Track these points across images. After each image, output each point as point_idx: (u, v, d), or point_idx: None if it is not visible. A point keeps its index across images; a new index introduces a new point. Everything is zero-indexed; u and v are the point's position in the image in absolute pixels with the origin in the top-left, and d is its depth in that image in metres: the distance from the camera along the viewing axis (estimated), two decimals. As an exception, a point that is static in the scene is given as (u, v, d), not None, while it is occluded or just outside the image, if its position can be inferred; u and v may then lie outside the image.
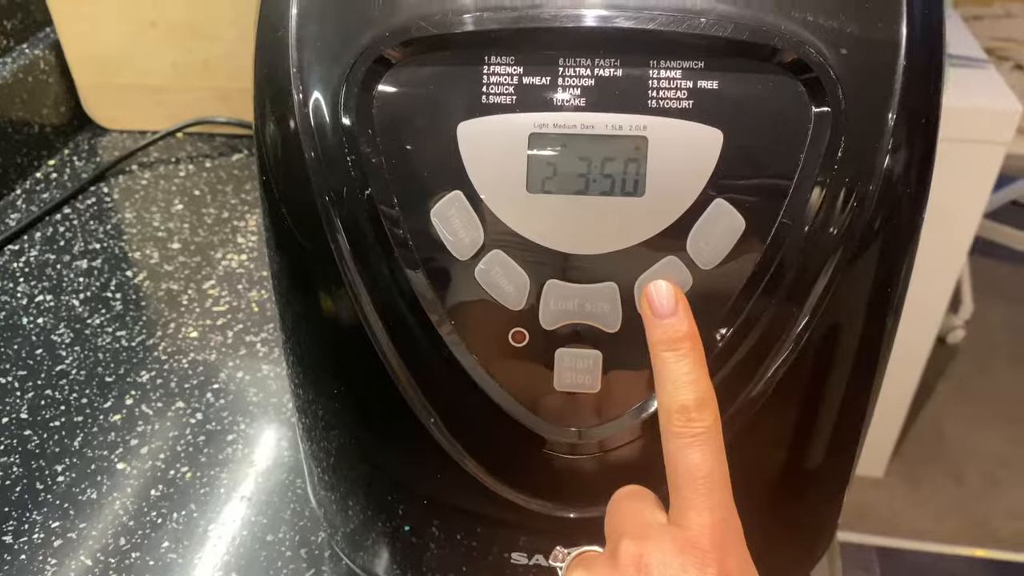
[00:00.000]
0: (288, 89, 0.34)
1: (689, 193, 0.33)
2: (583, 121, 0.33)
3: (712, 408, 0.31)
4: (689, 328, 0.32)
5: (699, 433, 0.30)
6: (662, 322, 0.32)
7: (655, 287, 0.32)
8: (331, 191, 0.34)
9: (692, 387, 0.31)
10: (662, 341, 0.31)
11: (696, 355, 0.31)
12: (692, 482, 0.30)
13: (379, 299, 0.35)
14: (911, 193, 0.34)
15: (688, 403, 0.30)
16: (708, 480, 0.30)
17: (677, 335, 0.31)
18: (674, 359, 0.31)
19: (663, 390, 0.31)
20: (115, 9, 0.80)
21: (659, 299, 0.32)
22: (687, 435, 0.30)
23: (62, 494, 0.52)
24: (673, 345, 0.31)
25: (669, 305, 0.32)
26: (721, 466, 0.30)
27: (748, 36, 0.32)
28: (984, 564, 1.54)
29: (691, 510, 0.30)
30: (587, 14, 0.32)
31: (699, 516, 0.30)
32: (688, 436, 0.30)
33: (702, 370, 0.31)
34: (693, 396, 0.30)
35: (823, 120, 0.32)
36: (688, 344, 0.31)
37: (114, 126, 0.88)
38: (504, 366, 0.35)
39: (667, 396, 0.31)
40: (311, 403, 0.40)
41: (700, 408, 0.30)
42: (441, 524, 0.42)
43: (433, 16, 0.33)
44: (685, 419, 0.30)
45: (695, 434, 0.30)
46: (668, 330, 0.31)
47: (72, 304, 0.67)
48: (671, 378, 0.31)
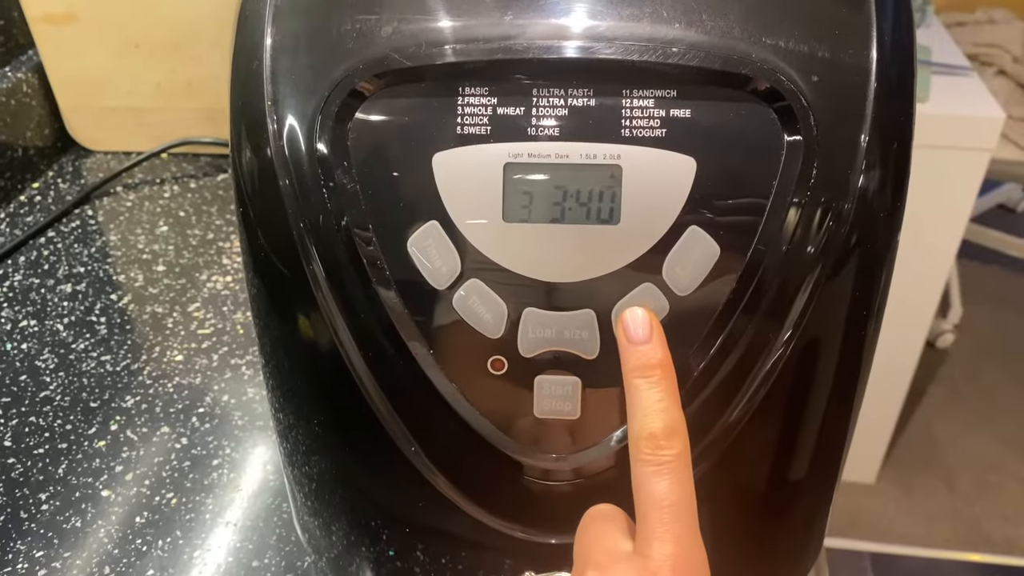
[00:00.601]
0: (263, 121, 0.34)
1: (664, 220, 0.33)
2: (557, 151, 0.33)
3: (681, 437, 0.31)
4: (663, 356, 0.32)
5: (667, 461, 0.30)
6: (636, 349, 0.32)
7: (631, 314, 0.32)
8: (306, 221, 0.34)
9: (662, 415, 0.31)
10: (635, 368, 0.32)
11: (668, 383, 0.31)
12: (658, 511, 0.30)
13: (356, 328, 0.35)
14: (886, 210, 0.34)
15: (657, 431, 0.30)
16: (673, 509, 0.30)
17: (650, 362, 0.32)
18: (646, 386, 0.31)
19: (633, 417, 0.31)
20: (97, 31, 0.80)
21: (634, 326, 0.32)
22: (654, 463, 0.30)
23: (46, 523, 0.52)
24: (646, 372, 0.31)
25: (644, 332, 0.32)
26: (688, 496, 0.30)
27: (720, 65, 0.32)
28: (977, 568, 1.54)
29: (655, 539, 0.30)
30: (560, 45, 0.32)
31: (662, 546, 0.30)
32: (655, 464, 0.30)
33: (673, 399, 0.31)
34: (662, 424, 0.31)
35: (795, 147, 0.32)
36: (660, 372, 0.31)
37: (98, 147, 0.88)
38: (484, 394, 0.35)
39: (637, 423, 0.31)
40: (291, 428, 0.40)
41: (669, 436, 0.30)
42: (426, 549, 0.42)
43: (407, 48, 0.33)
44: (653, 447, 0.30)
45: (662, 462, 0.30)
46: (641, 357, 0.32)
47: (56, 329, 0.66)
48: (642, 405, 0.31)
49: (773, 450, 0.39)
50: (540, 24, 0.33)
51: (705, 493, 0.38)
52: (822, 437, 0.39)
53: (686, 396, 0.34)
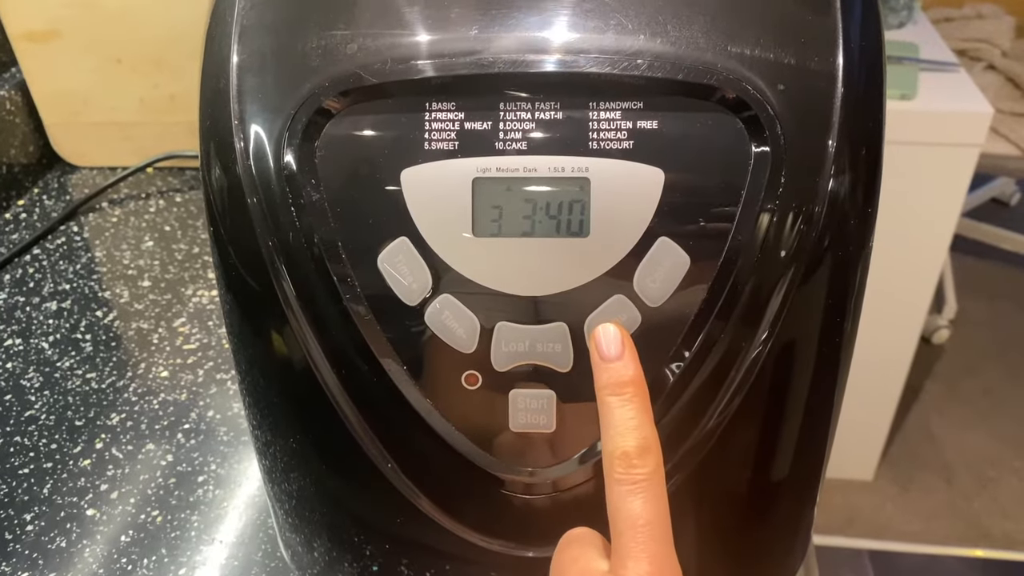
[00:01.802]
0: (230, 140, 0.34)
1: (633, 232, 0.33)
2: (525, 164, 0.33)
3: (655, 455, 0.31)
4: (635, 373, 0.32)
5: (640, 480, 0.30)
6: (608, 366, 0.32)
7: (603, 331, 0.32)
8: (275, 239, 0.34)
9: (635, 433, 0.31)
10: (608, 385, 0.32)
11: (640, 401, 0.31)
12: (632, 530, 0.30)
13: (329, 345, 0.35)
14: (858, 214, 0.34)
15: (630, 449, 0.30)
16: (648, 528, 0.30)
17: (622, 379, 0.31)
18: (618, 404, 0.31)
19: (606, 435, 0.31)
20: (79, 47, 0.80)
21: (606, 343, 0.32)
22: (628, 482, 0.30)
23: (31, 543, 0.52)
24: (618, 389, 0.31)
25: (615, 349, 0.32)
26: (662, 514, 0.30)
27: (685, 76, 0.32)
28: (977, 564, 1.54)
29: (630, 559, 0.30)
30: (526, 59, 0.32)
31: (637, 565, 0.29)
32: (629, 483, 0.30)
33: (646, 416, 0.31)
34: (635, 443, 0.30)
35: (763, 156, 0.32)
36: (632, 389, 0.31)
37: (83, 163, 0.88)
38: (459, 409, 0.35)
39: (610, 442, 0.31)
40: (269, 445, 0.40)
41: (642, 455, 0.30)
42: (410, 564, 0.42)
43: (373, 65, 0.33)
44: (627, 465, 0.30)
45: (636, 481, 0.30)
46: (614, 374, 0.32)
47: (42, 347, 0.66)
48: (614, 423, 0.31)
49: (754, 454, 0.39)
50: (506, 38, 0.33)
51: (688, 498, 0.38)
52: (803, 439, 0.39)
53: (662, 405, 0.34)
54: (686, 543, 0.40)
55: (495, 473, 0.36)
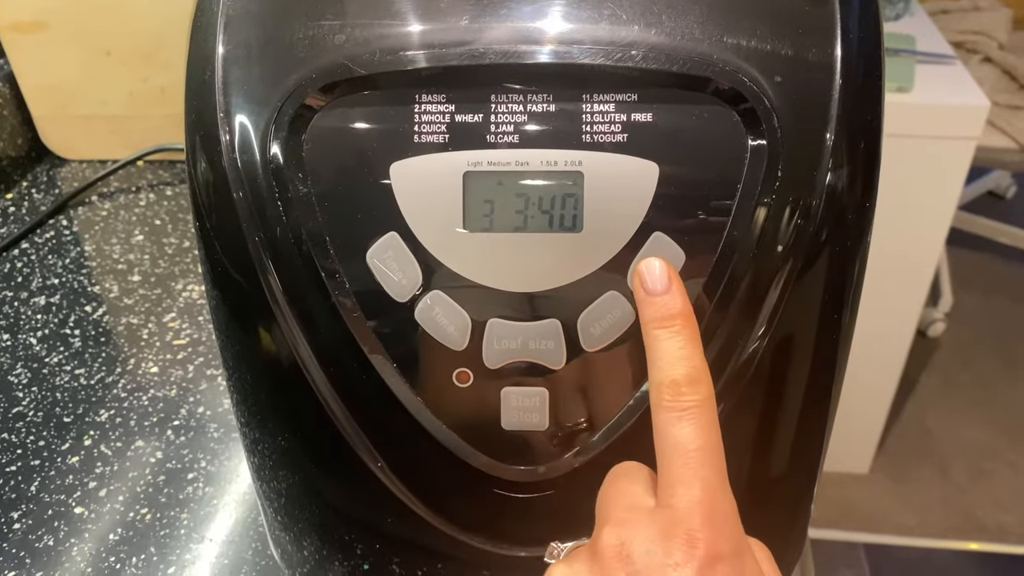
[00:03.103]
0: (216, 134, 0.33)
1: (627, 227, 0.32)
2: (518, 158, 0.32)
3: (706, 384, 0.29)
4: (683, 305, 0.30)
5: (690, 407, 0.28)
6: (654, 300, 0.30)
7: (647, 265, 0.31)
8: (262, 234, 0.33)
9: (685, 363, 0.29)
10: (654, 319, 0.30)
11: (689, 332, 0.30)
12: (682, 455, 0.28)
13: (317, 342, 0.34)
14: (856, 207, 0.33)
15: (679, 378, 0.29)
16: (699, 454, 0.28)
17: (671, 312, 0.30)
18: (666, 336, 0.29)
19: (654, 367, 0.29)
20: (68, 39, 0.78)
21: (651, 278, 0.30)
22: (676, 408, 0.28)
23: (18, 542, 0.51)
24: (666, 323, 0.30)
25: (662, 283, 0.30)
26: (715, 442, 0.28)
27: (680, 67, 0.31)
28: (972, 557, 1.54)
29: (680, 486, 0.28)
30: (518, 50, 0.32)
31: (688, 492, 0.27)
32: (678, 410, 0.28)
33: (695, 347, 0.30)
34: (685, 371, 0.29)
35: (759, 149, 0.31)
36: (681, 321, 0.30)
37: (73, 156, 0.87)
38: (450, 407, 0.35)
39: (659, 372, 0.29)
40: (257, 442, 0.40)
41: (692, 383, 0.29)
42: (401, 562, 0.41)
43: (361, 56, 0.32)
44: (675, 393, 0.28)
45: (685, 407, 0.28)
46: (660, 308, 0.30)
47: (30, 343, 0.65)
48: (663, 355, 0.29)
49: (752, 447, 0.38)
50: (497, 29, 0.32)
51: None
52: (800, 433, 0.39)
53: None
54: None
55: (487, 472, 0.35)
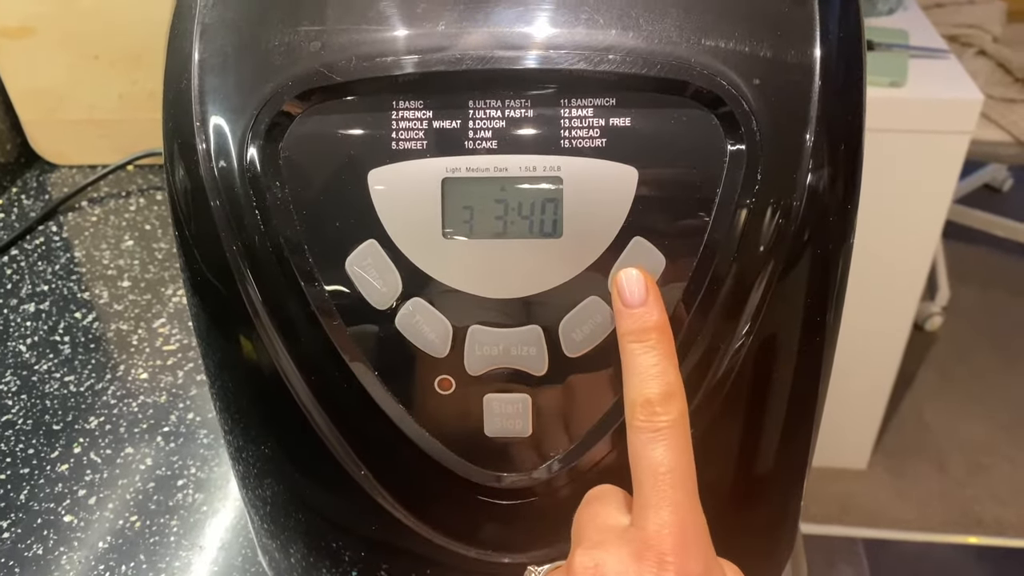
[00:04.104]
0: (192, 143, 0.33)
1: (607, 232, 0.32)
2: (496, 164, 0.32)
3: (678, 401, 0.29)
4: (659, 318, 0.30)
5: (663, 427, 0.29)
6: (631, 312, 0.30)
7: (625, 274, 0.31)
8: (240, 243, 0.33)
9: (658, 380, 0.29)
10: (630, 332, 0.30)
11: (664, 347, 0.30)
12: (653, 477, 0.28)
13: (297, 351, 0.34)
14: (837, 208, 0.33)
15: (653, 396, 0.29)
16: (670, 476, 0.28)
17: (646, 325, 0.30)
18: (641, 350, 0.30)
19: (628, 383, 0.30)
20: (55, 44, 0.78)
21: (629, 288, 0.31)
22: (650, 429, 0.29)
23: (7, 551, 0.51)
24: (641, 336, 0.30)
25: (639, 293, 0.30)
26: (685, 462, 0.29)
27: (658, 71, 0.31)
28: (970, 551, 1.54)
29: (651, 508, 0.28)
30: (495, 55, 0.31)
31: (658, 515, 0.28)
32: (651, 431, 0.29)
33: (670, 362, 0.30)
34: (658, 389, 0.29)
35: (739, 153, 0.31)
36: (656, 335, 0.30)
37: (63, 161, 0.87)
38: (432, 414, 0.35)
39: (632, 389, 0.29)
40: (241, 450, 0.39)
41: (665, 401, 0.29)
42: (389, 569, 0.41)
43: (337, 63, 0.32)
44: (649, 413, 0.29)
45: (658, 428, 0.29)
46: (637, 320, 0.30)
47: (19, 350, 0.65)
48: (637, 371, 0.30)
49: (739, 450, 0.38)
50: (474, 34, 0.32)
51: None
52: (787, 433, 0.38)
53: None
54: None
55: (470, 479, 0.35)
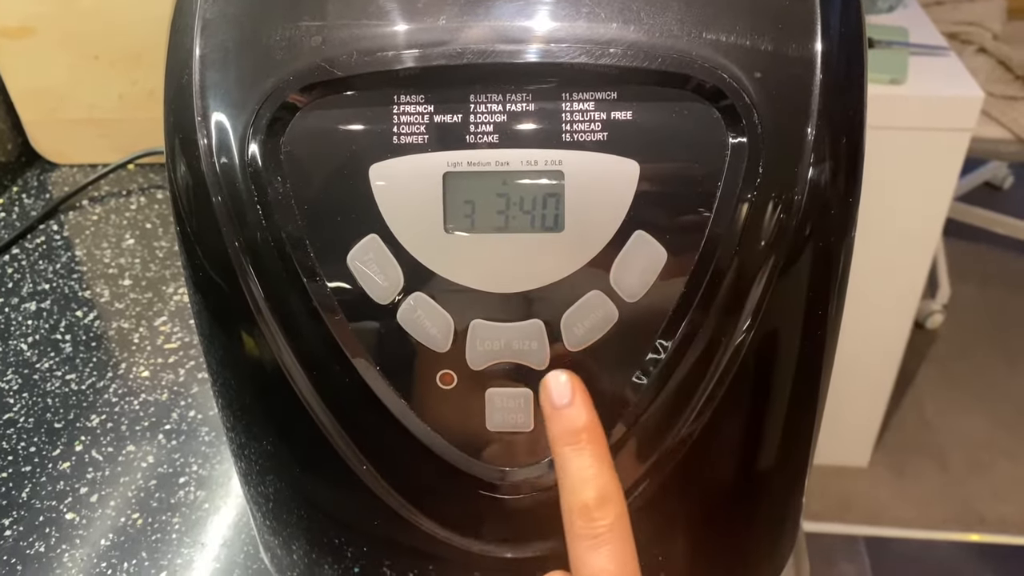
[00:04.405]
0: (194, 138, 0.33)
1: (609, 226, 0.32)
2: (497, 158, 0.32)
3: (615, 503, 0.30)
4: (588, 419, 0.31)
5: (602, 532, 0.29)
6: (560, 414, 0.31)
7: (553, 378, 0.32)
8: (242, 238, 0.33)
9: (593, 483, 0.30)
10: (561, 435, 0.31)
11: (595, 447, 0.30)
12: None
13: (299, 346, 0.34)
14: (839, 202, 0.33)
15: (589, 501, 0.29)
16: None
17: (575, 426, 0.31)
18: (573, 453, 0.30)
19: (564, 488, 0.30)
20: (55, 43, 0.78)
21: (557, 391, 0.31)
22: (590, 536, 0.29)
23: (9, 549, 0.51)
24: (572, 438, 0.31)
25: (566, 395, 0.31)
26: (628, 566, 0.29)
27: (659, 65, 0.31)
28: (972, 548, 1.54)
29: None
30: (496, 49, 0.31)
31: None
32: (591, 537, 0.29)
33: (603, 464, 0.30)
34: (594, 493, 0.29)
35: (740, 145, 0.31)
36: (586, 436, 0.30)
37: (63, 161, 0.87)
38: (434, 409, 0.35)
39: (568, 495, 0.30)
40: (244, 447, 0.39)
41: (601, 505, 0.29)
42: (392, 565, 0.41)
43: (338, 58, 0.32)
44: (587, 519, 0.29)
45: (598, 534, 0.29)
46: (566, 422, 0.31)
47: (20, 348, 0.65)
48: (571, 475, 0.30)
49: (740, 446, 0.38)
50: (475, 28, 0.32)
51: (674, 492, 0.37)
52: (788, 430, 0.38)
53: (641, 401, 0.34)
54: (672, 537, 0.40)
55: (473, 473, 0.35)
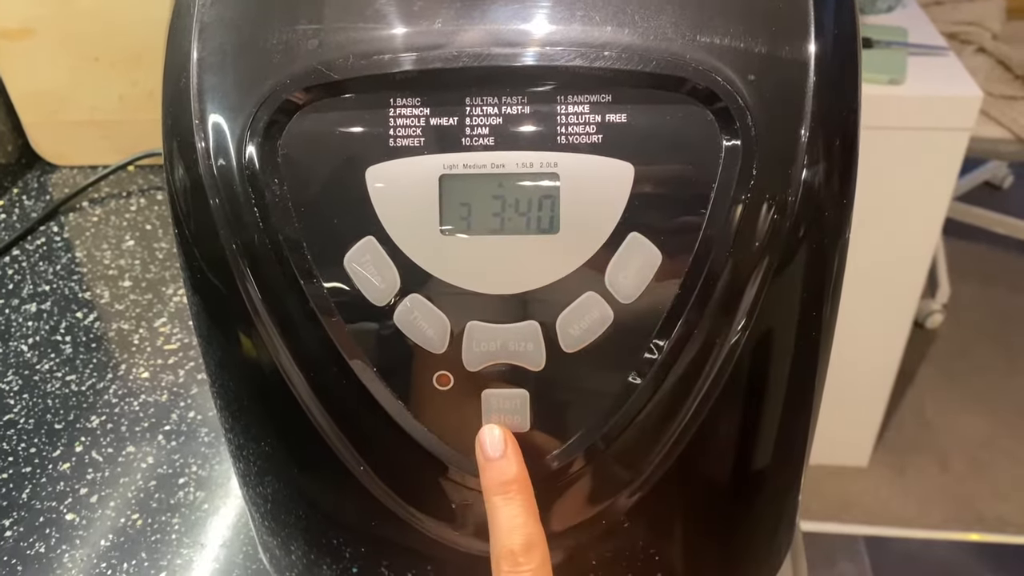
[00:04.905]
0: (191, 140, 0.33)
1: (604, 228, 0.32)
2: (493, 160, 0.32)
3: (539, 550, 0.32)
4: (518, 471, 0.33)
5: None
6: (492, 465, 0.33)
7: (487, 431, 0.34)
8: (239, 240, 0.33)
9: (520, 531, 0.32)
10: (492, 485, 0.33)
11: (523, 497, 0.33)
12: None
13: (296, 348, 0.34)
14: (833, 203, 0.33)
15: (515, 547, 0.32)
16: None
17: (505, 477, 0.33)
18: (502, 503, 0.32)
19: (494, 535, 0.32)
20: (55, 45, 0.78)
21: (490, 443, 0.33)
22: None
23: (9, 550, 0.51)
24: (502, 488, 0.33)
25: (498, 448, 0.33)
26: None
27: (653, 67, 0.31)
28: (971, 547, 1.54)
29: None
30: (491, 53, 0.32)
31: None
32: None
33: (529, 513, 0.32)
34: (520, 540, 0.32)
35: (734, 148, 0.31)
36: (516, 487, 0.33)
37: (63, 162, 0.87)
38: (431, 410, 0.35)
39: (497, 541, 0.32)
40: (242, 448, 0.40)
41: (527, 551, 0.32)
42: (390, 565, 0.41)
43: (334, 61, 0.32)
44: (512, 563, 0.31)
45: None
46: (497, 473, 0.33)
47: (21, 350, 0.65)
48: (500, 523, 0.32)
49: (735, 446, 0.38)
50: (471, 32, 0.32)
51: (669, 492, 0.38)
52: (783, 430, 0.39)
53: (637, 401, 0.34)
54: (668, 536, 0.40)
55: (469, 474, 0.35)
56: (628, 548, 0.39)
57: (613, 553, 0.39)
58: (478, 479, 0.36)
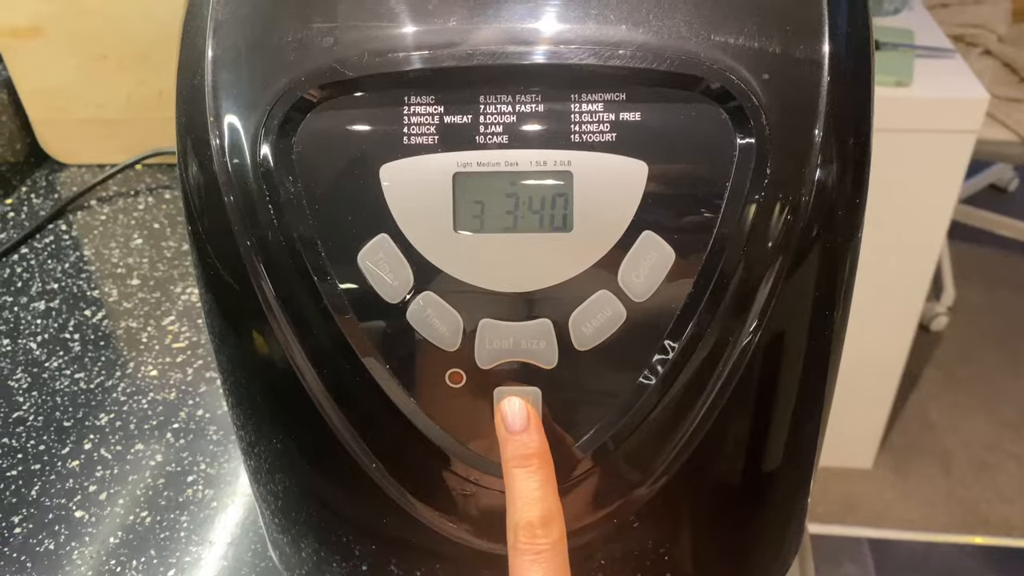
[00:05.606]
0: (206, 138, 0.33)
1: (617, 226, 0.32)
2: (507, 158, 0.32)
3: (557, 525, 0.32)
4: (539, 445, 0.33)
5: (543, 550, 0.31)
6: (514, 438, 0.33)
7: (508, 404, 0.33)
8: (253, 238, 0.33)
9: (539, 504, 0.32)
10: (513, 457, 0.33)
11: (544, 472, 0.32)
12: None
13: (309, 345, 0.34)
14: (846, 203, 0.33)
15: (534, 520, 0.31)
16: None
17: (527, 451, 0.32)
18: (523, 476, 0.32)
19: (512, 507, 0.32)
20: (64, 44, 0.79)
21: (512, 416, 0.33)
22: (531, 552, 0.31)
23: (19, 546, 0.51)
24: (523, 461, 0.32)
25: (521, 422, 0.33)
26: None
27: (668, 66, 0.31)
28: (976, 551, 1.54)
29: None
30: (505, 51, 0.32)
31: None
32: (532, 553, 0.31)
33: (550, 487, 0.32)
34: (539, 513, 0.31)
35: (748, 147, 0.31)
36: (537, 461, 0.32)
37: (71, 161, 0.87)
38: (443, 408, 0.35)
39: (515, 513, 0.32)
40: (253, 445, 0.40)
41: (545, 525, 0.31)
42: (399, 563, 0.41)
43: (349, 59, 0.32)
44: (530, 535, 0.31)
45: (539, 551, 0.31)
46: (519, 446, 0.33)
47: (30, 347, 0.66)
48: (519, 495, 0.32)
49: (746, 447, 0.38)
50: (485, 30, 0.32)
51: (680, 492, 0.38)
52: (794, 430, 0.39)
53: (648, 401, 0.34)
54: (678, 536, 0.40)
55: (481, 471, 0.35)
56: (638, 547, 0.39)
57: (622, 552, 0.39)
58: (489, 476, 0.36)
